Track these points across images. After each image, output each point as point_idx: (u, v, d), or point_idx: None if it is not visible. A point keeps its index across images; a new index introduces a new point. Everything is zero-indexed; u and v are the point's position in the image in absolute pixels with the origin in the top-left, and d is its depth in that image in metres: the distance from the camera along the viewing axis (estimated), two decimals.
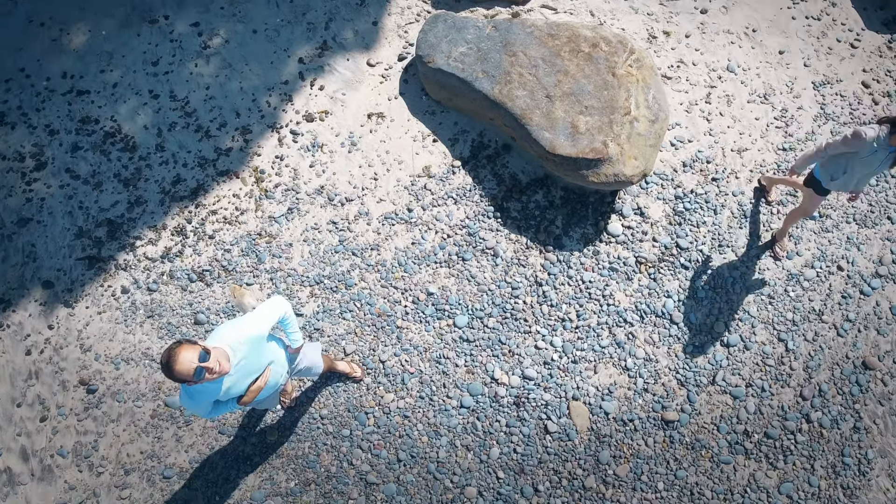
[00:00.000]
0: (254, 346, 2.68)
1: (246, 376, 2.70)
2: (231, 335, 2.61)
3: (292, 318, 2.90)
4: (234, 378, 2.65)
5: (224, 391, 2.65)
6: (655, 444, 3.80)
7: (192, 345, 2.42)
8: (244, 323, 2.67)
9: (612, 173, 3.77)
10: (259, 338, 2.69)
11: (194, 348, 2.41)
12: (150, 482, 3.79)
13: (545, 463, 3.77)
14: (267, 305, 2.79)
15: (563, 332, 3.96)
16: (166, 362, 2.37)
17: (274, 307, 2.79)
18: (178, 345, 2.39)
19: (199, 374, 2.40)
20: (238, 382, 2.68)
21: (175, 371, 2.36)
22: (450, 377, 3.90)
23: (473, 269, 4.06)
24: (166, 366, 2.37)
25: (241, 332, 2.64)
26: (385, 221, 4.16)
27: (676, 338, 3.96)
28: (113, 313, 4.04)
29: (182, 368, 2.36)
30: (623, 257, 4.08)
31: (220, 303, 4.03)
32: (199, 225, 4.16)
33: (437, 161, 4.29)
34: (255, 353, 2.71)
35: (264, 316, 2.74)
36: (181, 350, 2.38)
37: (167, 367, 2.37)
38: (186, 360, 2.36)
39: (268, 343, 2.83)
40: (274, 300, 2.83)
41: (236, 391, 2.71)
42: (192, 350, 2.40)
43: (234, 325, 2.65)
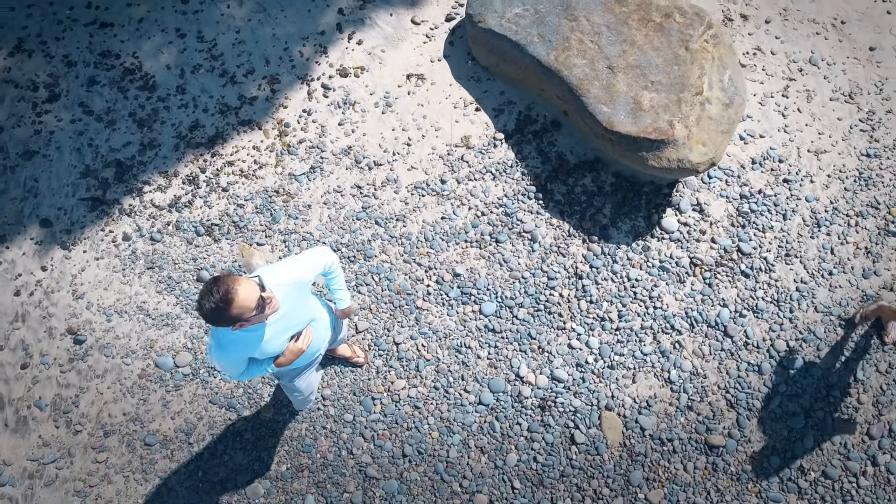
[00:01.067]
0: (296, 294, 2.32)
1: (286, 330, 2.34)
2: (272, 276, 2.24)
3: (339, 272, 2.56)
4: (273, 330, 2.27)
5: (260, 345, 2.28)
6: (696, 470, 3.34)
7: (241, 277, 2.02)
8: (284, 266, 2.31)
9: (676, 158, 3.33)
10: (302, 285, 2.33)
11: (250, 281, 2.03)
12: (129, 447, 3.44)
13: (568, 477, 3.33)
14: (310, 252, 2.44)
15: (601, 333, 3.52)
16: (225, 296, 1.94)
17: (318, 254, 2.44)
18: (229, 277, 1.99)
19: (262, 306, 2.03)
20: (276, 337, 2.30)
21: (239, 304, 1.95)
22: (469, 369, 3.49)
23: (507, 253, 3.65)
24: (225, 300, 1.94)
25: (282, 275, 2.27)
26: (415, 191, 3.77)
27: (729, 353, 3.49)
28: (111, 260, 3.71)
29: (247, 299, 1.97)
30: (676, 257, 3.63)
31: (227, 261, 3.68)
32: (213, 175, 3.83)
33: (478, 132, 3.89)
34: (298, 302, 2.34)
35: (308, 261, 2.39)
36: (240, 281, 1.98)
37: (226, 302, 1.94)
38: (247, 290, 1.97)
39: (310, 298, 2.48)
40: (318, 248, 2.48)
41: (274, 349, 2.33)
42: (249, 283, 2.01)
43: (274, 268, 2.29)
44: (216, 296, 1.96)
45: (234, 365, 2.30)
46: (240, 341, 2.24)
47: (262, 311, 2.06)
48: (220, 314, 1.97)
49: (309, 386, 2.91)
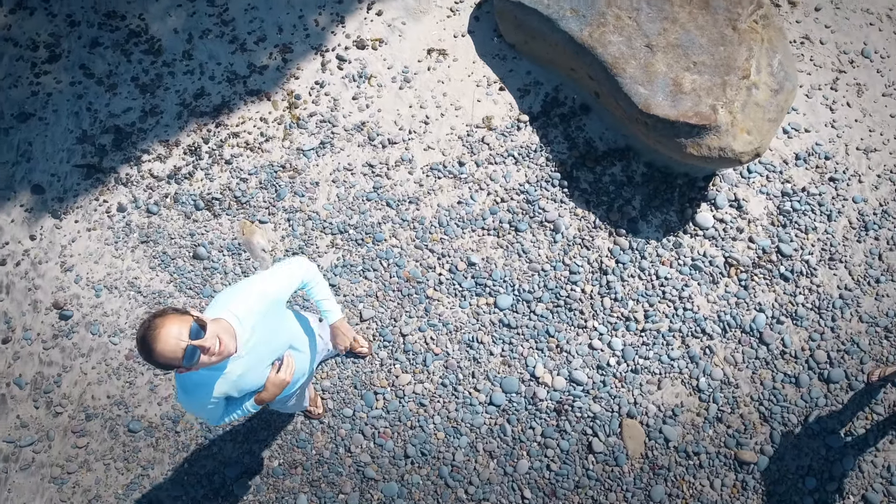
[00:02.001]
0: (269, 318, 2.01)
1: (263, 359, 2.03)
2: (236, 302, 1.93)
3: (320, 282, 2.21)
4: (245, 363, 1.97)
5: (232, 382, 1.97)
6: (724, 487, 3.05)
7: (179, 315, 1.74)
8: (253, 285, 1.98)
9: (718, 146, 3.05)
10: (275, 304, 2.02)
11: (183, 319, 1.73)
12: (112, 433, 3.20)
13: (583, 488, 3.06)
14: (282, 266, 2.12)
15: (625, 334, 3.25)
16: (143, 339, 1.69)
17: (292, 268, 2.13)
18: (160, 315, 1.72)
19: (190, 356, 1.72)
20: (252, 370, 2.00)
21: (156, 352, 1.68)
22: (481, 366, 3.22)
23: (527, 243, 3.38)
24: (144, 344, 1.69)
25: (251, 297, 1.94)
26: (430, 173, 3.51)
27: (765, 362, 3.20)
28: (104, 232, 3.48)
29: (165, 349, 1.68)
30: (710, 255, 3.34)
31: (226, 238, 3.43)
32: (216, 147, 3.59)
33: (501, 112, 3.63)
34: (272, 328, 2.04)
35: (279, 277, 2.06)
36: (165, 322, 1.70)
37: (145, 346, 1.69)
38: (172, 336, 1.68)
39: (287, 318, 2.18)
40: (292, 260, 2.16)
41: (251, 383, 2.03)
42: (179, 322, 1.72)
43: (239, 290, 1.97)
44: (138, 336, 1.72)
45: (205, 409, 1.99)
46: (206, 382, 1.93)
47: (193, 361, 1.73)
48: (145, 356, 1.72)
49: (301, 398, 2.66)
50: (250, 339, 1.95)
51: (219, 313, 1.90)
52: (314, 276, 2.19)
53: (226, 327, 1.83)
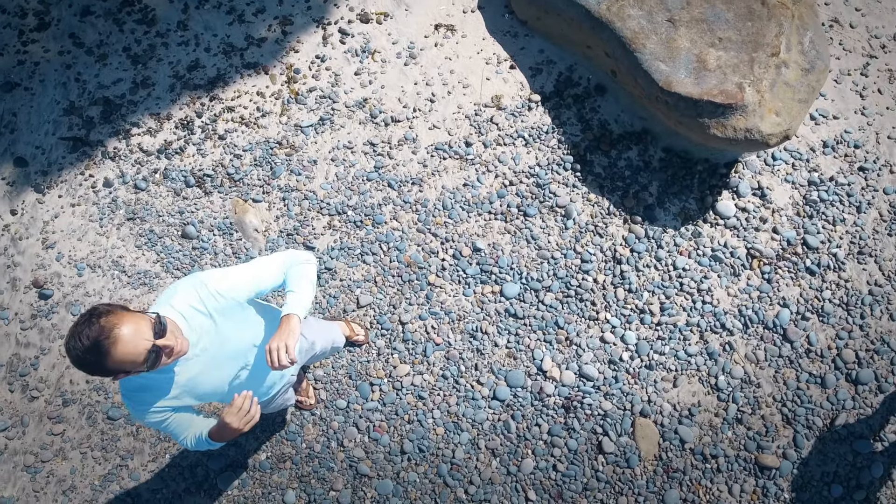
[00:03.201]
0: (226, 317, 1.74)
1: (219, 366, 1.76)
2: (181, 297, 1.66)
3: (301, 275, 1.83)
4: (196, 367, 1.70)
5: (183, 386, 1.71)
6: (743, 493, 2.84)
7: (129, 311, 1.48)
8: (205, 279, 1.70)
9: (744, 127, 2.85)
10: (231, 303, 1.74)
11: (138, 316, 1.47)
12: (90, 420, 3.01)
13: (592, 491, 2.85)
14: (265, 258, 1.85)
15: (639, 327, 3.04)
16: (97, 343, 1.40)
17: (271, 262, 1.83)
18: (109, 314, 1.44)
19: (155, 359, 1.49)
20: (207, 375, 1.73)
21: (115, 357, 1.41)
22: (485, 358, 3.02)
23: (536, 229, 3.18)
24: (97, 349, 1.40)
25: (200, 293, 1.67)
26: (435, 153, 3.31)
27: (788, 360, 2.99)
28: (88, 208, 3.29)
29: (128, 351, 1.42)
30: (731, 246, 3.14)
31: (217, 217, 3.24)
32: (210, 121, 3.40)
33: (511, 92, 3.43)
34: (229, 328, 1.75)
35: (250, 271, 1.78)
36: (123, 321, 1.43)
37: (99, 352, 1.40)
38: (135, 336, 1.43)
39: (251, 315, 1.84)
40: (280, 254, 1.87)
41: (210, 389, 1.77)
42: (137, 319, 1.46)
43: (188, 284, 1.69)
44: (84, 342, 1.40)
45: (153, 418, 1.72)
46: (151, 385, 1.67)
47: (157, 364, 1.50)
48: (90, 367, 1.43)
49: (284, 401, 2.43)
50: (199, 342, 1.68)
51: (161, 310, 1.64)
52: (299, 266, 1.85)
53: (174, 326, 1.58)
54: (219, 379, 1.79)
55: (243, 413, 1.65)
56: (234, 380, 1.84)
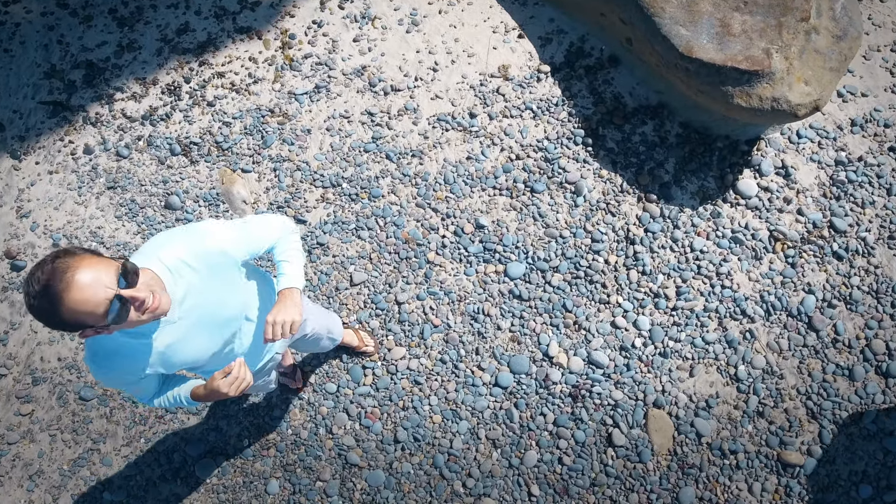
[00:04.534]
0: (216, 278, 1.53)
1: (201, 333, 1.55)
2: (170, 248, 1.46)
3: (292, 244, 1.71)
4: (176, 332, 1.49)
5: (160, 354, 1.49)
6: (764, 492, 2.62)
7: (94, 257, 1.27)
8: (199, 230, 1.51)
9: (771, 97, 2.64)
10: (227, 261, 1.55)
11: (103, 262, 1.26)
12: (61, 400, 2.80)
13: (601, 487, 2.63)
14: (257, 216, 1.71)
15: (653, 312, 2.83)
16: (47, 287, 1.19)
17: (268, 220, 1.69)
18: (67, 255, 1.24)
19: (117, 311, 1.26)
20: (186, 343, 1.53)
21: (68, 304, 1.20)
22: (487, 342, 2.81)
23: (544, 206, 2.98)
24: (47, 293, 1.19)
25: (192, 246, 1.48)
26: (437, 124, 3.11)
27: (814, 350, 2.78)
28: (67, 176, 3.09)
29: (83, 298, 1.20)
30: (753, 227, 2.93)
31: (203, 187, 3.04)
32: (198, 87, 3.20)
33: (520, 62, 3.23)
34: (218, 291, 1.55)
35: (244, 227, 1.61)
36: (81, 263, 1.22)
37: (49, 296, 1.19)
38: (93, 281, 1.21)
39: (243, 280, 1.65)
40: (272, 216, 1.73)
41: (186, 358, 1.55)
42: (99, 264, 1.25)
43: (178, 234, 1.50)
44: (35, 286, 1.21)
45: (125, 384, 1.53)
46: (124, 351, 1.46)
47: (122, 318, 1.28)
48: (42, 315, 1.23)
49: (266, 383, 2.24)
50: (184, 301, 1.47)
51: (145, 262, 1.42)
52: (289, 235, 1.72)
53: (155, 280, 1.35)
54: (200, 347, 1.57)
55: (235, 378, 1.50)
56: (219, 349, 1.63)
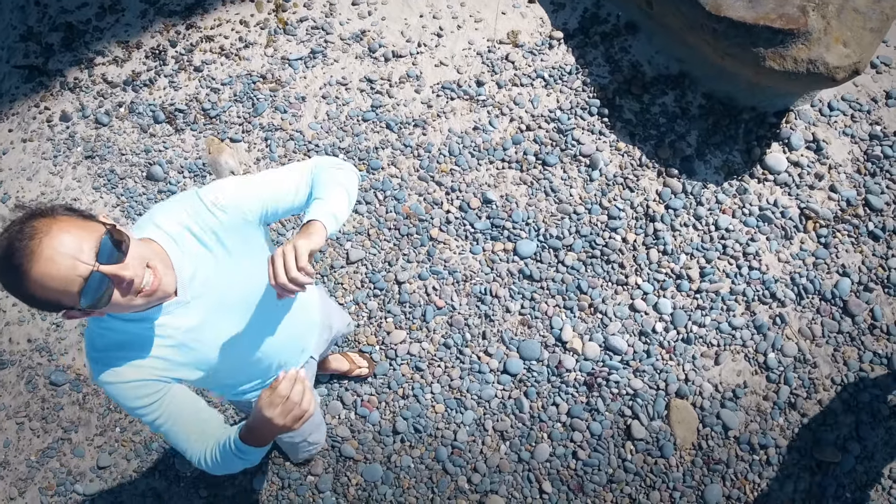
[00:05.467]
0: (233, 240, 1.24)
1: (224, 316, 1.27)
2: (173, 212, 1.20)
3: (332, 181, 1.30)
4: (194, 315, 1.22)
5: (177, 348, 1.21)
6: (797, 492, 2.40)
7: (72, 220, 1.01)
8: (207, 189, 1.24)
9: (807, 58, 2.43)
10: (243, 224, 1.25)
11: (85, 228, 1.01)
12: (30, 385, 2.57)
13: (619, 483, 2.40)
14: (288, 166, 1.36)
15: (675, 294, 2.61)
16: (8, 253, 0.96)
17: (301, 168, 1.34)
18: (41, 215, 1.00)
19: (95, 290, 1.00)
20: (211, 329, 1.25)
21: (35, 277, 0.96)
22: (495, 325, 2.58)
23: (556, 181, 2.76)
24: (8, 262, 0.96)
25: (198, 206, 1.21)
26: (441, 92, 2.89)
27: (849, 337, 2.55)
28: (42, 144, 2.87)
29: (49, 274, 0.96)
30: (782, 205, 2.71)
31: (189, 157, 2.82)
32: (185, 51, 2.98)
33: (530, 28, 3.01)
34: (240, 257, 1.26)
35: (260, 175, 1.31)
36: (53, 226, 0.98)
37: (10, 266, 0.96)
38: (65, 253, 0.96)
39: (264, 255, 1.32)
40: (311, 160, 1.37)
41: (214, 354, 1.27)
42: (79, 229, 1.00)
43: (183, 195, 1.25)
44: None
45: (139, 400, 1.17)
46: (132, 341, 1.17)
47: (101, 301, 1.02)
48: (14, 291, 0.99)
49: (312, 423, 1.85)
50: (195, 277, 1.20)
51: (143, 231, 1.18)
52: (329, 170, 1.32)
53: (158, 252, 1.12)
54: (229, 334, 1.28)
55: (290, 402, 1.06)
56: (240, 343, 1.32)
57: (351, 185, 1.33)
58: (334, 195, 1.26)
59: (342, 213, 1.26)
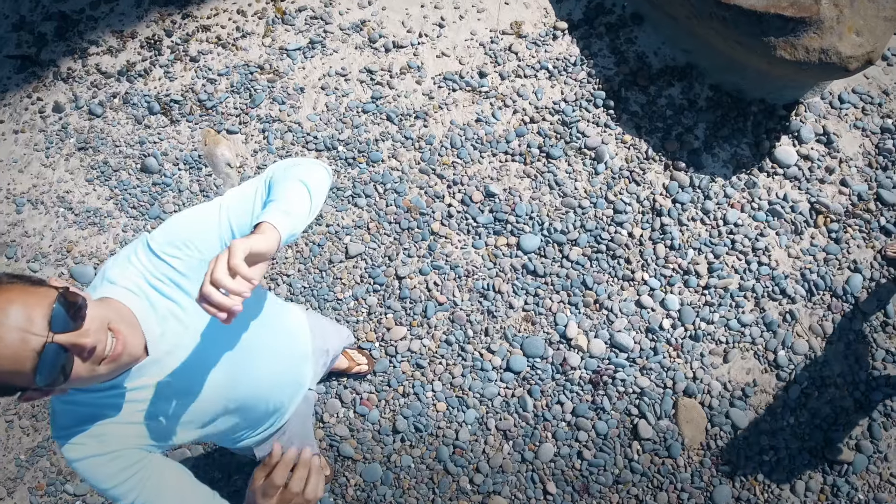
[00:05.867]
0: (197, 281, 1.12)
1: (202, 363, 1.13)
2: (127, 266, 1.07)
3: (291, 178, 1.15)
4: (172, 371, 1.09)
5: (151, 413, 1.09)
6: (808, 493, 2.33)
7: (22, 287, 0.89)
8: (159, 229, 1.11)
9: (819, 48, 2.36)
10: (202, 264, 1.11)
11: (33, 296, 0.88)
12: None
13: (625, 484, 2.34)
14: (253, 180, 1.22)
15: (683, 290, 2.54)
16: None
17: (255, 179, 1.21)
18: None
19: (50, 367, 0.86)
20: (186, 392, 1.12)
21: None
22: (498, 322, 2.52)
23: (561, 174, 2.69)
24: None
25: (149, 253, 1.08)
26: (443, 83, 2.82)
27: (861, 334, 2.49)
28: (34, 135, 2.80)
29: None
30: (792, 199, 2.64)
31: (184, 148, 2.75)
32: (181, 41, 2.91)
33: (534, 18, 2.95)
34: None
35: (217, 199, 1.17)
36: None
37: None
38: (10, 326, 0.84)
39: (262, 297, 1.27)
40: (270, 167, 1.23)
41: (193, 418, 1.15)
42: (23, 300, 0.86)
43: (136, 242, 1.11)
44: None
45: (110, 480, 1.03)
46: (99, 414, 1.04)
47: (59, 378, 0.88)
48: None
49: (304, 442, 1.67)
50: (164, 331, 1.07)
51: (100, 290, 1.05)
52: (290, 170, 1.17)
53: (119, 311, 0.99)
54: (211, 387, 1.15)
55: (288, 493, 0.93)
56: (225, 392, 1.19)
57: (310, 177, 1.16)
58: (287, 192, 1.10)
59: (298, 208, 1.09)
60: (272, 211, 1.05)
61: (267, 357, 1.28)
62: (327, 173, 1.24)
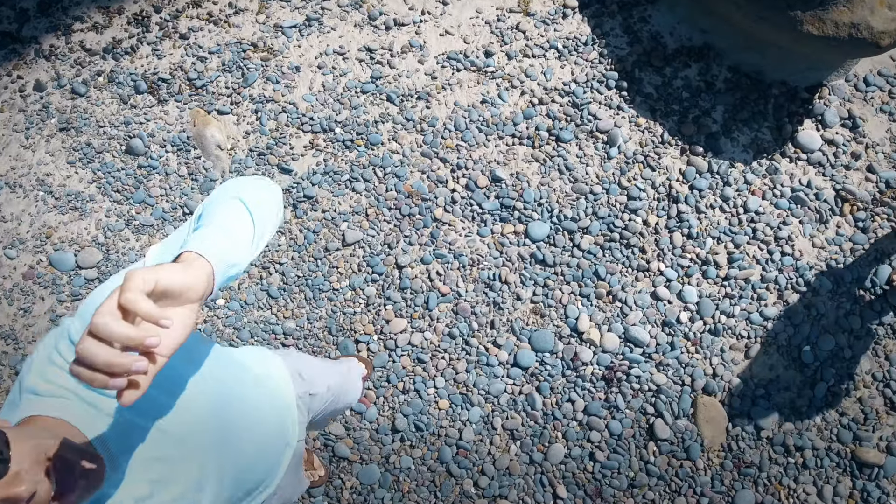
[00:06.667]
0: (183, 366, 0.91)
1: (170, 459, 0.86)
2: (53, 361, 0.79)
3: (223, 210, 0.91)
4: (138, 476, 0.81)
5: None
6: (837, 497, 2.18)
7: None
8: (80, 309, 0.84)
9: (849, 22, 2.21)
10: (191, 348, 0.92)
11: None
12: None
13: (640, 488, 2.18)
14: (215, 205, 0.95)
15: (701, 282, 2.39)
16: None
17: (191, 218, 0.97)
18: None
19: None
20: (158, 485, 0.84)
21: None
22: (505, 314, 2.36)
23: (571, 158, 2.54)
24: None
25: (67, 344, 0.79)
26: (447, 63, 2.67)
27: (891, 329, 2.34)
28: (13, 115, 2.65)
29: None
30: (816, 186, 2.49)
31: (172, 129, 2.59)
32: (170, 17, 2.76)
33: None
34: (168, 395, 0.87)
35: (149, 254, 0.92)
36: None
37: None
38: None
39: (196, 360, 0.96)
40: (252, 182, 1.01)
41: None
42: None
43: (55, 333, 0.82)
44: None
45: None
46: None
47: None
48: None
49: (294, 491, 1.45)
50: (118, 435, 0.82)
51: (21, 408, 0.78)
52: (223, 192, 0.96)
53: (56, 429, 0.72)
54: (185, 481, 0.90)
55: None
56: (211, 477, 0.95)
57: (250, 195, 0.95)
58: (220, 215, 0.89)
59: (236, 232, 0.88)
60: (198, 237, 0.81)
61: (246, 432, 1.03)
62: (275, 190, 1.01)
